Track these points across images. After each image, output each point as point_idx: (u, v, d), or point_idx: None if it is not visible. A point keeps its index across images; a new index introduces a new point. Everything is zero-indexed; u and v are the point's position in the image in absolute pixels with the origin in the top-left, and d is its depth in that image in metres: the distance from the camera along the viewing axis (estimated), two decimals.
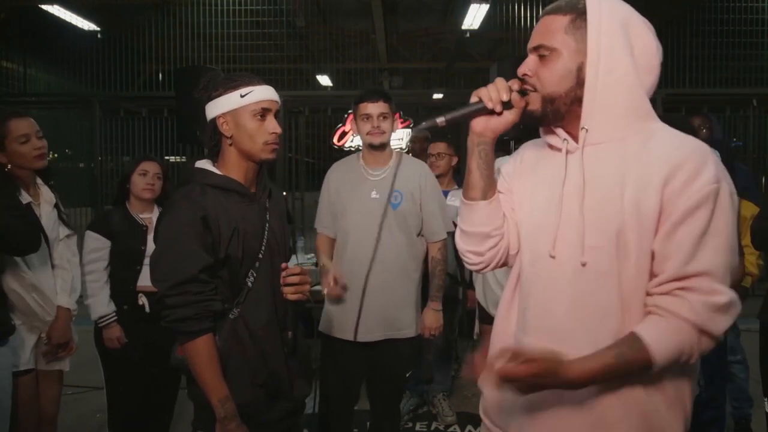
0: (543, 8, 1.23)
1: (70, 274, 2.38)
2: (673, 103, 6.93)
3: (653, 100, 1.17)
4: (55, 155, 7.94)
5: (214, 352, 1.53)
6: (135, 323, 2.54)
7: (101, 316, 2.52)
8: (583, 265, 1.11)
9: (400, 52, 10.82)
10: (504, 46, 9.04)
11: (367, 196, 2.43)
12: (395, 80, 10.75)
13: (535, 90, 1.16)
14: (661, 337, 1.03)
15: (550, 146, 1.24)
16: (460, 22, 7.77)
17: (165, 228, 1.55)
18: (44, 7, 6.97)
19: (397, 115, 8.56)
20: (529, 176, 1.27)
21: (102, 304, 2.53)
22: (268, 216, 1.69)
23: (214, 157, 1.67)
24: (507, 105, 1.18)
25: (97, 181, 7.10)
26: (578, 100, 1.14)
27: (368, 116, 2.40)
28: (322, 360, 2.49)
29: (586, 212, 1.12)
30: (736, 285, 2.59)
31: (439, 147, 3.52)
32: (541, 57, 1.15)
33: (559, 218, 1.15)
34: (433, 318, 2.49)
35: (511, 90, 1.18)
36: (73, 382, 3.60)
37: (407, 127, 7.01)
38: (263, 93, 1.60)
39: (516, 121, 1.20)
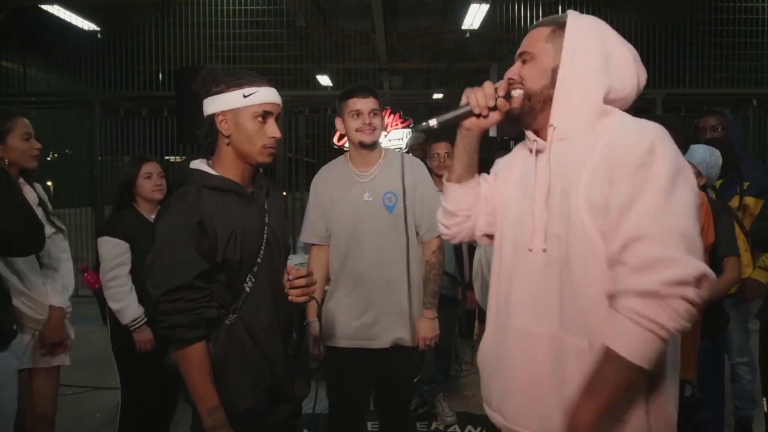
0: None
1: (60, 273, 2.36)
2: (673, 103, 6.92)
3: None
4: (56, 155, 7.93)
5: (206, 361, 1.50)
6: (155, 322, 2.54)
7: (133, 320, 2.53)
8: (544, 251, 1.24)
9: (400, 52, 10.81)
10: (504, 46, 9.03)
11: (359, 200, 2.28)
12: (395, 80, 10.75)
13: (522, 85, 1.29)
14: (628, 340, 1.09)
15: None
16: (460, 22, 7.76)
17: (159, 233, 1.50)
18: (44, 7, 6.96)
19: (398, 114, 8.49)
20: (513, 172, 1.40)
21: (132, 308, 2.53)
22: (267, 215, 1.66)
23: (209, 154, 1.63)
24: (492, 108, 1.32)
25: (97, 181, 7.11)
26: (550, 100, 1.27)
27: (358, 112, 2.26)
28: (327, 370, 2.40)
29: (551, 204, 1.24)
30: (730, 284, 2.51)
31: (442, 147, 3.44)
32: (524, 62, 1.30)
33: (532, 214, 1.28)
34: (428, 327, 2.33)
35: (496, 96, 1.31)
36: (73, 382, 3.59)
37: (407, 127, 7.02)
38: (267, 95, 1.55)
39: (501, 120, 1.34)
